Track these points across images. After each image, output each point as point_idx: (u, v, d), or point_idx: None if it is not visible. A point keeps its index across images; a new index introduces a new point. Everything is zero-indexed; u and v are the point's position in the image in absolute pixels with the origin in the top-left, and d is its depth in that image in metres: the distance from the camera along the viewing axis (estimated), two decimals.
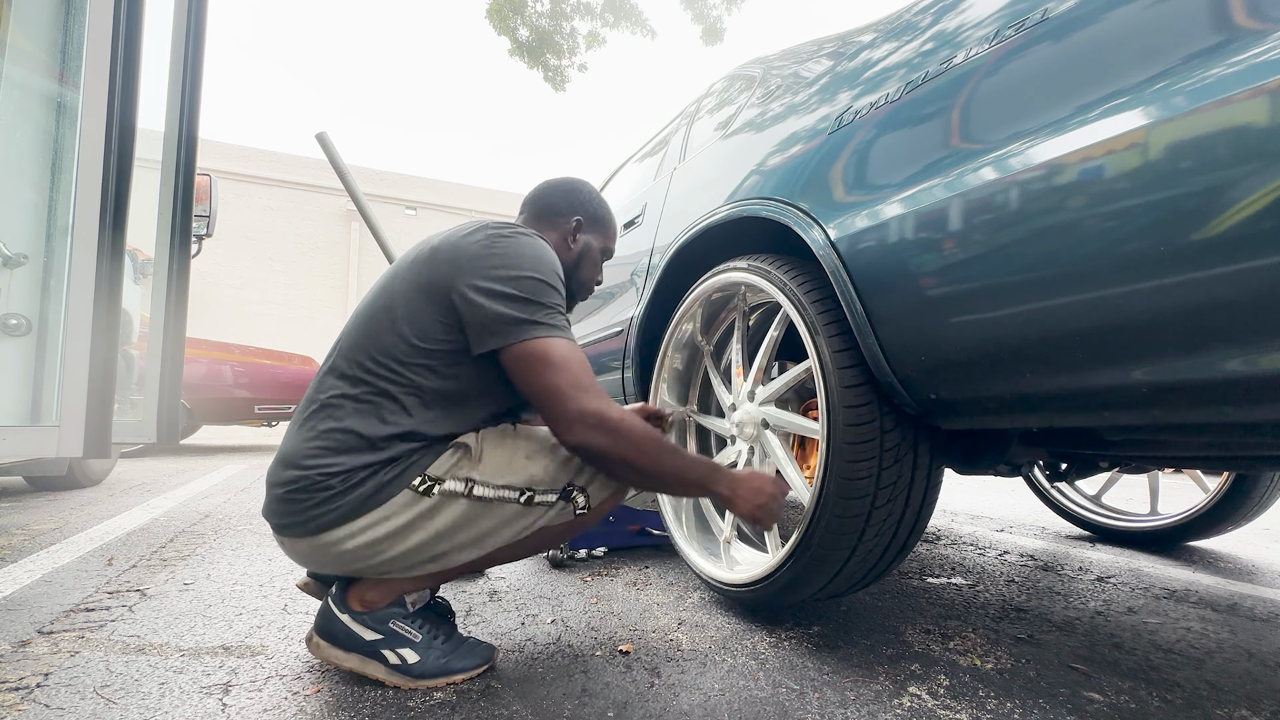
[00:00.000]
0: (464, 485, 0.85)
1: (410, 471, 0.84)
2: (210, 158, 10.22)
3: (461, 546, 0.87)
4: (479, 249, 0.87)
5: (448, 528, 0.85)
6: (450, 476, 0.85)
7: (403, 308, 0.86)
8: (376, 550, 0.83)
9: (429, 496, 0.84)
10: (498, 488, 0.86)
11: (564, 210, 1.09)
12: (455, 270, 0.86)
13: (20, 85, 1.31)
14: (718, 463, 0.95)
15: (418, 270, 0.88)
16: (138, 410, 1.60)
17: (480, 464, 0.87)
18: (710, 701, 0.83)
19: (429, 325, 0.85)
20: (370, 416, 0.84)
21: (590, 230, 1.12)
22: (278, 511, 0.84)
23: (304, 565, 0.90)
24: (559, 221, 1.09)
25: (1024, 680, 0.93)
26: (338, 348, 0.90)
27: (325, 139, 2.00)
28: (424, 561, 0.86)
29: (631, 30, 6.65)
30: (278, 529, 0.85)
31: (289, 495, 0.82)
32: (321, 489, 0.81)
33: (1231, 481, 1.83)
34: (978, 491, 3.47)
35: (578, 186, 1.13)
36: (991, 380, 0.77)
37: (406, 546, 0.84)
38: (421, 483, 0.84)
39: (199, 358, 4.66)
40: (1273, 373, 0.54)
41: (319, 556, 0.85)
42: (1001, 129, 0.74)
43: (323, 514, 0.81)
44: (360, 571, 0.86)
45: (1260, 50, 0.53)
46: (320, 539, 0.83)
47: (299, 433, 0.85)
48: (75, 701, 0.80)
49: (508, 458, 0.88)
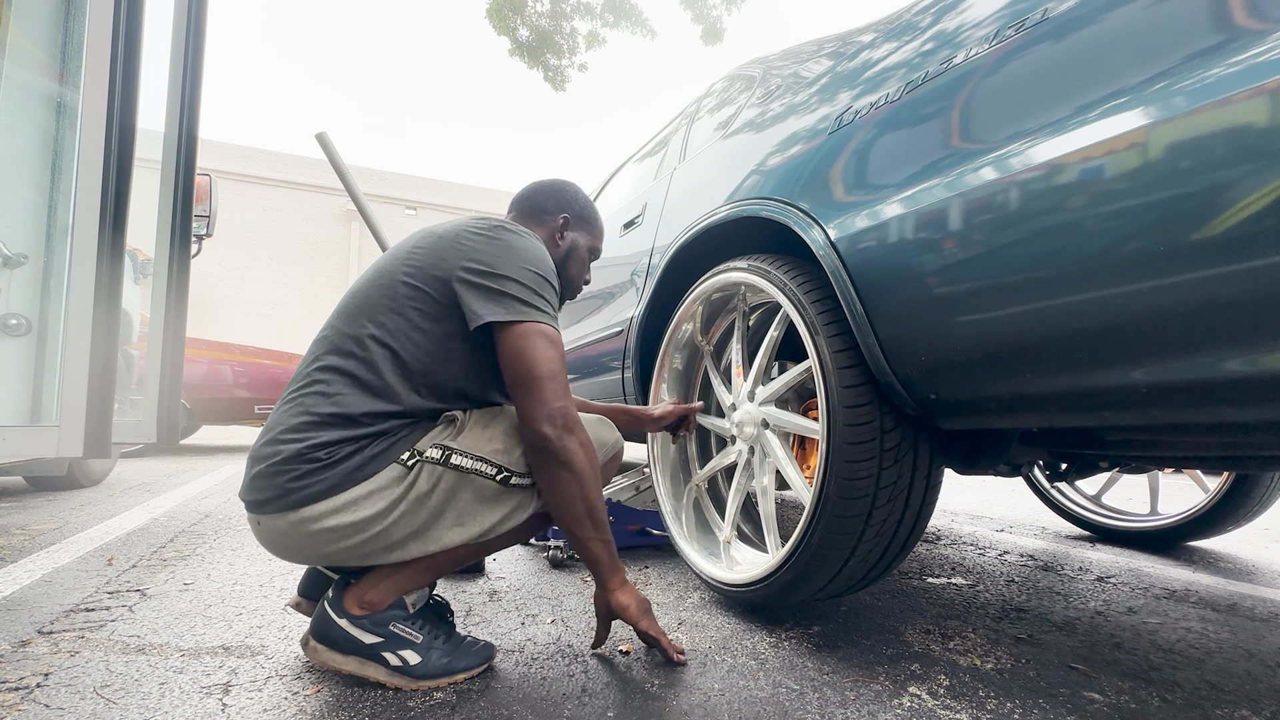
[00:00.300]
0: (441, 453, 0.85)
1: (398, 446, 0.85)
2: (210, 158, 10.23)
3: (444, 523, 0.86)
4: (483, 240, 0.91)
5: (425, 495, 0.84)
6: (431, 445, 0.86)
7: (403, 288, 0.88)
8: (361, 527, 0.82)
9: (413, 469, 0.84)
10: (474, 459, 0.86)
11: (551, 208, 1.13)
12: (459, 255, 0.88)
13: (20, 85, 1.31)
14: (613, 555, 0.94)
15: (419, 255, 0.90)
16: (138, 410, 1.60)
17: (461, 435, 0.88)
18: (710, 701, 0.83)
19: (427, 306, 0.87)
20: (359, 393, 0.84)
21: (577, 228, 1.15)
22: (258, 487, 0.82)
23: (275, 551, 0.86)
24: (546, 219, 1.12)
25: (1024, 680, 0.93)
26: (331, 326, 0.91)
27: (325, 139, 2.00)
28: (405, 541, 0.84)
29: (631, 30, 6.65)
30: (255, 506, 0.83)
31: (272, 469, 0.81)
32: (307, 460, 0.80)
33: (1231, 481, 1.83)
34: (978, 491, 3.47)
35: (564, 186, 1.16)
36: (991, 380, 0.77)
37: (389, 521, 0.83)
38: (410, 457, 0.84)
39: (199, 358, 4.66)
40: (1273, 373, 0.54)
41: (295, 538, 0.82)
42: (1001, 129, 0.74)
43: (305, 486, 0.80)
44: (337, 556, 0.84)
45: (1260, 50, 0.53)
46: (300, 514, 0.81)
47: (285, 408, 0.86)
48: (75, 701, 0.80)
49: (489, 433, 0.89)
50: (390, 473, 0.83)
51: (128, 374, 1.82)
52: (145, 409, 1.57)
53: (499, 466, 0.87)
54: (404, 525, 0.84)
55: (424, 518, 0.85)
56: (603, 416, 1.08)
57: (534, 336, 0.86)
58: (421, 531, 0.85)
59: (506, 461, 0.88)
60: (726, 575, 1.21)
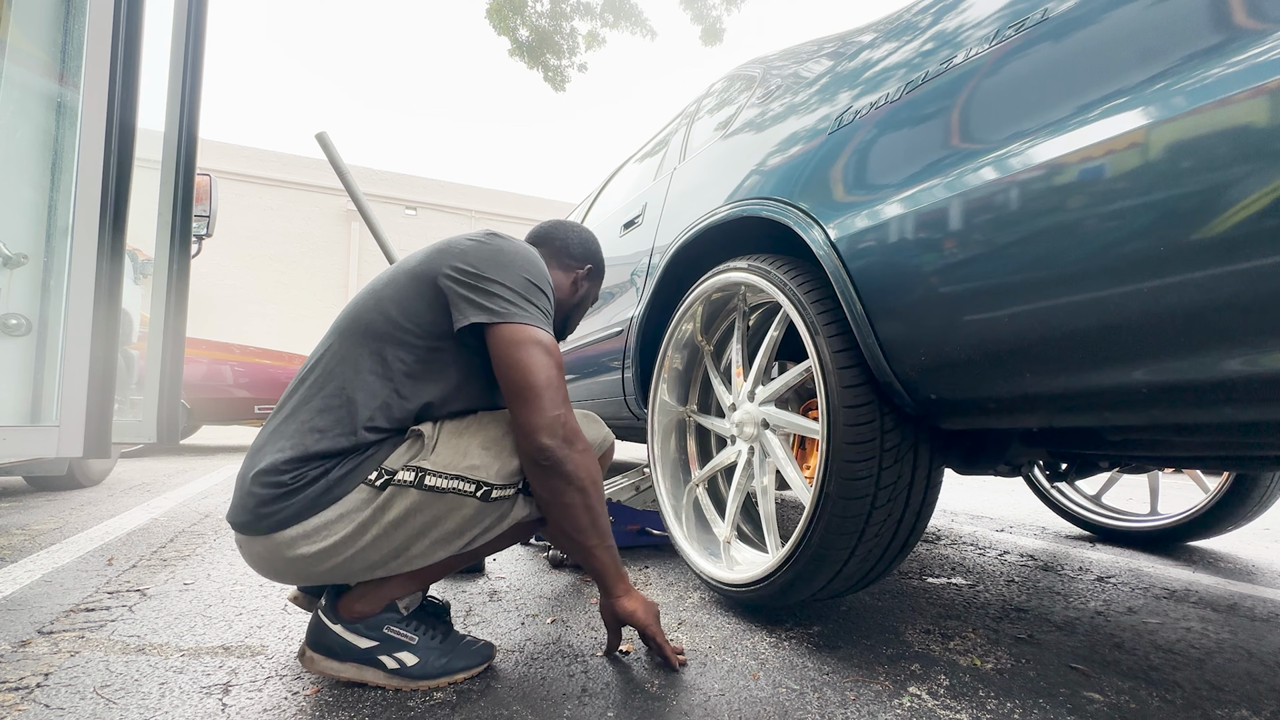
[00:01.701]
0: (414, 475, 0.81)
1: (366, 465, 0.82)
2: (210, 158, 10.23)
3: (424, 542, 0.83)
4: (473, 244, 0.90)
5: (401, 519, 0.81)
6: (403, 467, 0.82)
7: (389, 291, 0.88)
8: (334, 552, 0.80)
9: (383, 491, 0.81)
10: (450, 478, 0.82)
11: (578, 255, 1.16)
12: (448, 261, 0.87)
13: (20, 85, 1.31)
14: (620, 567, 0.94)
15: (415, 264, 0.90)
16: (138, 410, 1.60)
17: (433, 453, 0.83)
18: (710, 701, 0.83)
19: (415, 306, 0.86)
20: (337, 407, 0.83)
21: (594, 280, 1.20)
22: (236, 507, 0.82)
23: (266, 574, 0.85)
24: (570, 264, 1.15)
25: (1024, 680, 0.93)
26: (327, 345, 0.89)
27: (325, 139, 2.00)
28: (386, 561, 0.83)
29: (631, 30, 6.65)
30: (236, 527, 0.82)
31: (246, 491, 0.81)
32: (273, 485, 0.79)
33: (1231, 481, 1.83)
34: (978, 491, 3.47)
35: (592, 238, 1.19)
36: (991, 380, 0.77)
37: (363, 544, 0.80)
38: (378, 476, 0.81)
39: (199, 358, 4.66)
40: (1273, 373, 0.54)
41: (274, 561, 0.81)
42: (1001, 129, 0.74)
43: (275, 512, 0.79)
44: (321, 578, 0.83)
45: (1260, 50, 0.53)
46: (274, 539, 0.79)
47: (267, 428, 0.85)
48: (75, 701, 0.80)
49: (462, 447, 0.85)
50: (358, 495, 0.80)
51: (128, 374, 1.82)
52: (145, 409, 1.57)
53: (477, 483, 0.83)
54: (381, 546, 0.82)
55: (401, 539, 0.82)
56: (589, 412, 1.07)
57: (528, 344, 0.83)
58: (400, 551, 0.83)
59: (485, 476, 0.84)
60: (726, 575, 1.21)
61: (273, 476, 0.79)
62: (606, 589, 0.93)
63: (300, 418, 0.83)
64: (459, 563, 0.92)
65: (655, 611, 0.95)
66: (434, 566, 0.89)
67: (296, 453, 0.80)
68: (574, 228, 1.17)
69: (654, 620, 0.93)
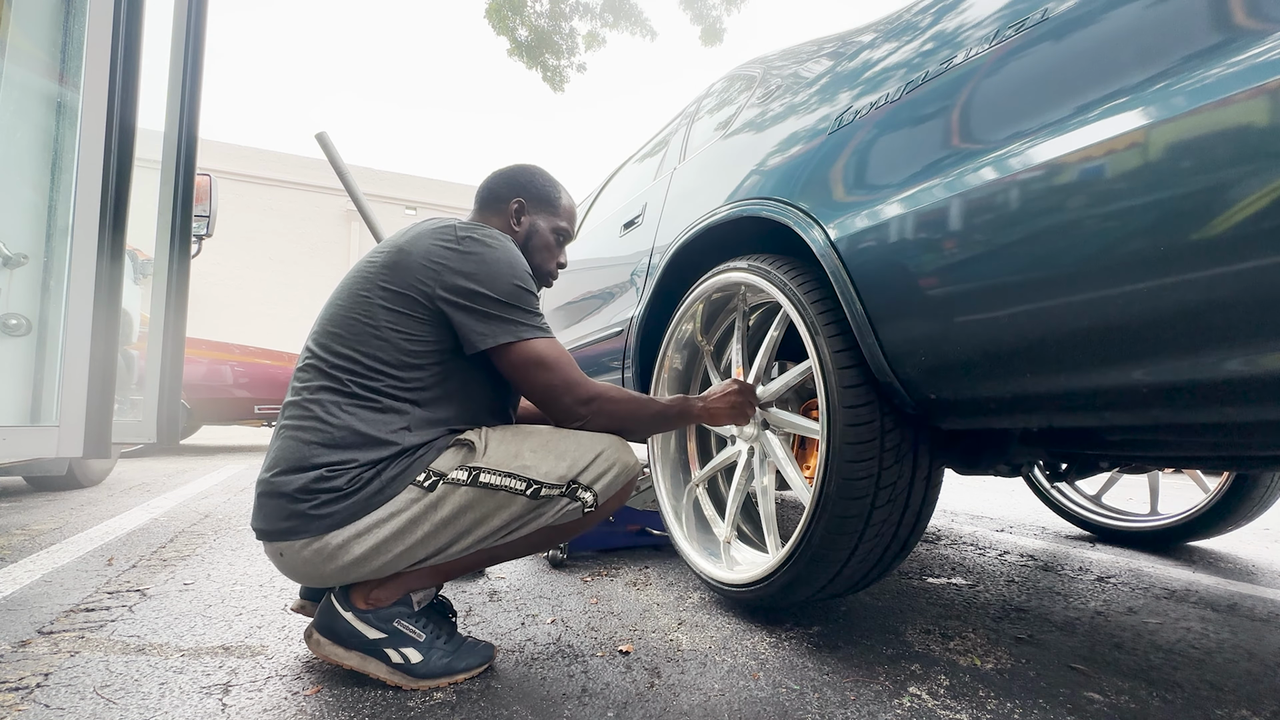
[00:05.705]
0: (468, 474, 0.86)
1: (415, 467, 0.85)
2: (210, 158, 10.22)
3: (468, 538, 0.86)
4: (456, 256, 0.89)
5: (452, 516, 0.84)
6: (454, 469, 0.86)
7: (384, 314, 0.87)
8: (383, 549, 0.83)
9: (433, 491, 0.84)
10: (504, 475, 0.86)
11: (504, 194, 1.10)
12: (435, 279, 0.88)
13: (20, 85, 1.31)
14: (686, 395, 1.08)
15: (391, 275, 0.89)
16: (138, 410, 1.60)
17: (485, 455, 0.88)
18: (710, 702, 0.83)
19: (415, 330, 0.88)
20: (368, 415, 0.85)
21: (535, 211, 1.11)
22: (277, 515, 0.82)
23: (299, 579, 0.88)
24: (501, 207, 1.09)
25: (1024, 680, 0.93)
26: (315, 353, 0.89)
27: (325, 139, 2.00)
28: (430, 555, 0.86)
29: (631, 30, 6.65)
30: (276, 536, 0.83)
31: (288, 498, 0.82)
32: (328, 489, 0.81)
33: (1231, 481, 1.83)
34: (978, 491, 3.47)
35: (518, 170, 1.12)
36: (991, 380, 0.77)
37: (412, 541, 0.84)
38: (426, 478, 0.85)
39: (199, 358, 4.66)
40: (1273, 373, 0.54)
41: (319, 564, 0.83)
42: (1001, 129, 0.74)
43: (328, 515, 0.81)
44: (362, 576, 0.85)
45: (1260, 50, 0.53)
46: (324, 541, 0.82)
47: (291, 435, 0.85)
48: (75, 701, 0.80)
49: (513, 451, 0.89)
50: (407, 495, 0.84)
51: (128, 374, 1.82)
52: (145, 409, 1.57)
53: (529, 480, 0.87)
54: (429, 543, 0.85)
55: (448, 535, 0.86)
56: (617, 438, 0.98)
57: (533, 364, 0.90)
58: (445, 547, 0.86)
59: (536, 475, 0.88)
60: (726, 575, 1.21)
61: (324, 483, 0.82)
62: (689, 415, 1.07)
63: (323, 424, 0.84)
64: (481, 562, 0.93)
65: (734, 395, 1.13)
66: (457, 562, 0.90)
67: (342, 457, 0.83)
68: (501, 170, 1.12)
69: (735, 412, 1.12)
